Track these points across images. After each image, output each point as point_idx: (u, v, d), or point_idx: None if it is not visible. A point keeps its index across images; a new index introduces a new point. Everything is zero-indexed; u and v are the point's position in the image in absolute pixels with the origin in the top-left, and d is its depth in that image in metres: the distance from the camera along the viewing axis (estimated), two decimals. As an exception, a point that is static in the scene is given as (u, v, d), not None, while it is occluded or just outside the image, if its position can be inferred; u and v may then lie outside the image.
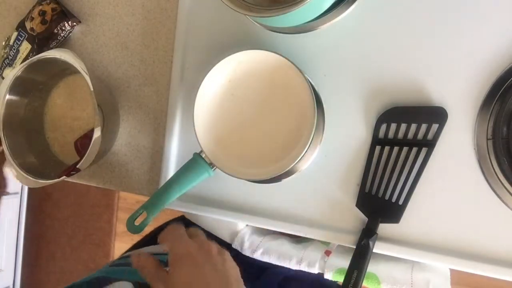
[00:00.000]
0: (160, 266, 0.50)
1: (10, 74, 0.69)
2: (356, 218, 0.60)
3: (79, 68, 0.64)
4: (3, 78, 0.80)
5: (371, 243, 0.57)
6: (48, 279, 2.10)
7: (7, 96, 0.70)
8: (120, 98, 0.75)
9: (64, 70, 0.73)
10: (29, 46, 0.78)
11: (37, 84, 0.74)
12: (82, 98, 0.74)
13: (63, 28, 0.76)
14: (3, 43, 0.81)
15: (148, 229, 0.65)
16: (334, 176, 0.61)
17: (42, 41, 0.77)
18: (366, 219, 0.59)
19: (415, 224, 0.57)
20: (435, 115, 0.56)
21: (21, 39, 0.78)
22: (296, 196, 0.63)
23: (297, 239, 0.74)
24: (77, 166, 0.64)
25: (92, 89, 0.63)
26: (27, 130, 0.74)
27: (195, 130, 0.60)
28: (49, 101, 0.76)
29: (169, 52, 0.71)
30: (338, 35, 0.61)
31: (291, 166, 0.57)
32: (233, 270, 0.51)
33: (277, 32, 0.63)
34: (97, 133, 0.63)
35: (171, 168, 0.70)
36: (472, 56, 0.55)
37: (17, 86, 0.70)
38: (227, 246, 0.72)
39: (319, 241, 0.71)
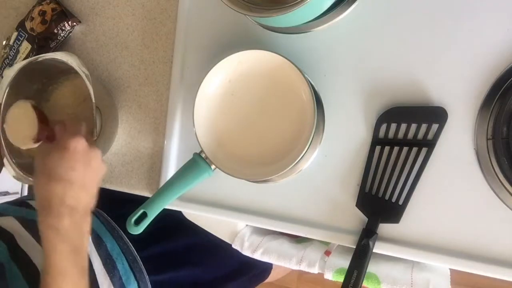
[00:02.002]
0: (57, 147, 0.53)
1: (10, 71, 0.69)
2: (356, 218, 0.60)
3: (82, 74, 0.64)
4: (2, 77, 0.80)
5: (371, 243, 0.57)
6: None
7: (7, 95, 0.70)
8: (120, 98, 0.75)
9: (65, 70, 0.73)
10: (29, 46, 0.78)
11: (37, 83, 0.73)
12: (82, 98, 0.74)
13: (63, 28, 0.76)
14: (3, 43, 0.81)
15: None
16: (334, 176, 0.61)
17: (42, 41, 0.76)
18: (366, 219, 0.59)
19: (415, 224, 0.57)
20: (435, 115, 0.56)
21: (21, 39, 0.78)
22: (296, 196, 0.63)
23: (297, 239, 0.74)
24: None
25: (93, 98, 0.63)
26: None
27: (195, 130, 0.60)
28: (50, 100, 0.76)
29: (169, 52, 0.71)
30: (338, 35, 0.61)
31: (291, 166, 0.57)
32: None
33: (277, 32, 0.63)
34: (94, 136, 0.63)
35: (171, 168, 0.70)
36: (472, 56, 0.55)
37: (17, 84, 0.70)
38: (227, 246, 0.72)
39: (319, 241, 0.71)
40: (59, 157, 0.51)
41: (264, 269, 0.90)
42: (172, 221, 0.74)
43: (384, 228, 0.58)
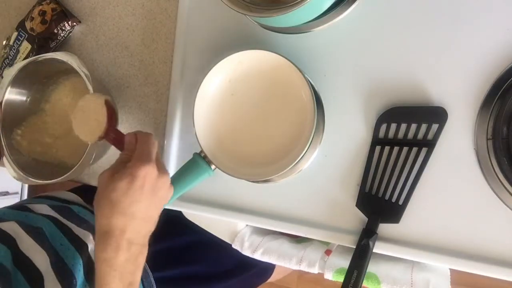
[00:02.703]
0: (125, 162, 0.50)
1: (10, 71, 0.69)
2: (356, 218, 0.60)
3: (82, 74, 0.64)
4: (2, 78, 0.80)
5: (371, 243, 0.57)
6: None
7: (7, 95, 0.70)
8: (120, 98, 0.75)
9: (65, 70, 0.73)
10: (29, 46, 0.78)
11: (37, 83, 0.73)
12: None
13: (63, 28, 0.76)
14: (3, 43, 0.81)
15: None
16: (334, 176, 0.61)
17: (42, 41, 0.77)
18: (366, 219, 0.59)
19: (415, 224, 0.57)
20: (435, 115, 0.56)
21: (21, 39, 0.78)
22: (296, 196, 0.63)
23: (297, 239, 0.74)
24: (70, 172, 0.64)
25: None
26: (27, 128, 0.73)
27: (195, 130, 0.60)
28: (50, 99, 0.76)
29: (169, 52, 0.71)
30: (338, 35, 0.61)
31: (291, 166, 0.57)
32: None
33: (277, 32, 0.63)
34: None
35: (171, 168, 0.70)
36: (472, 56, 0.55)
37: (18, 84, 0.70)
38: (227, 245, 0.72)
39: (319, 241, 0.71)
40: (126, 188, 0.47)
41: (265, 267, 0.90)
42: (172, 221, 0.74)
43: (384, 228, 0.58)
